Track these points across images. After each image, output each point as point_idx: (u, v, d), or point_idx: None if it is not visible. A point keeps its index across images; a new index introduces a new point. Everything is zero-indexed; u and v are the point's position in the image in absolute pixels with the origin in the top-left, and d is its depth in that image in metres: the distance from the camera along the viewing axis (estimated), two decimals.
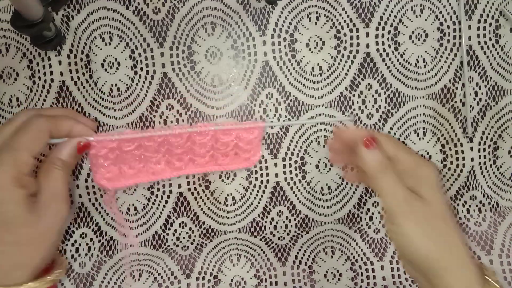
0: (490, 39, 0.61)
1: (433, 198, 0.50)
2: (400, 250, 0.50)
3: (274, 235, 0.63)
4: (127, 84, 0.60)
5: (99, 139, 0.55)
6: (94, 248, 0.62)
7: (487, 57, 0.61)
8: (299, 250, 0.63)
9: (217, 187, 0.62)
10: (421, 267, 0.48)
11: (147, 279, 0.62)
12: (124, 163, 0.58)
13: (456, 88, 0.62)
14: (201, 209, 0.62)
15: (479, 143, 0.62)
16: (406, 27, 0.61)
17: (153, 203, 0.61)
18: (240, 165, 0.61)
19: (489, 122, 0.62)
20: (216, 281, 0.62)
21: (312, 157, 0.62)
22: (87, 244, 0.61)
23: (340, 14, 0.60)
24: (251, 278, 0.63)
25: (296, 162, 0.62)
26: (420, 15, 0.61)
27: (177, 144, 0.57)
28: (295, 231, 0.63)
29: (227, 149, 0.59)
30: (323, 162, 0.62)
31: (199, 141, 0.58)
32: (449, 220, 0.50)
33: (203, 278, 0.62)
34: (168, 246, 0.62)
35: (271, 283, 0.62)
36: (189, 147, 0.58)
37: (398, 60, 0.61)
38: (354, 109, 0.61)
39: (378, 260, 0.63)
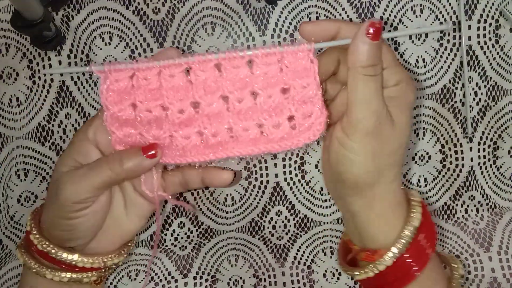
0: (490, 39, 0.61)
1: (403, 124, 0.44)
2: (338, 166, 0.44)
3: (273, 235, 0.63)
4: None
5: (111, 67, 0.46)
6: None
7: (487, 57, 0.61)
8: (298, 250, 0.63)
9: None
10: (350, 185, 0.44)
11: (143, 278, 0.62)
12: (146, 129, 0.47)
13: (456, 88, 0.62)
14: (200, 209, 0.62)
15: (479, 143, 0.62)
16: (406, 27, 0.61)
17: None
18: (300, 140, 0.46)
19: (489, 122, 0.62)
20: (213, 281, 0.62)
21: (311, 157, 0.62)
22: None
23: (340, 14, 0.60)
24: (249, 277, 0.63)
25: (295, 162, 0.62)
26: (420, 15, 0.61)
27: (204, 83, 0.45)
28: (294, 231, 0.63)
29: (274, 107, 0.46)
30: None
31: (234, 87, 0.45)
32: (404, 147, 0.45)
33: (201, 277, 0.62)
34: (166, 246, 0.62)
35: (270, 283, 0.62)
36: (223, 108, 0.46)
37: (398, 60, 0.61)
38: None
39: None
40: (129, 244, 0.53)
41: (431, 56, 0.61)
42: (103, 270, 0.50)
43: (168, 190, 0.50)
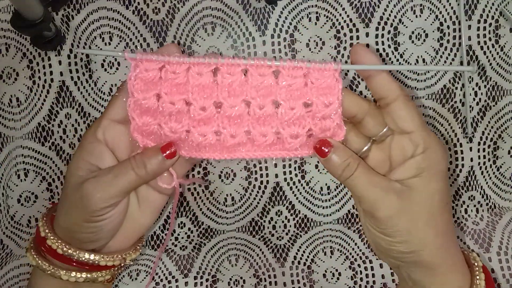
0: (490, 39, 0.61)
1: (432, 192, 0.44)
2: (387, 251, 0.46)
3: (273, 235, 0.63)
4: None
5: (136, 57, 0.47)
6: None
7: (487, 57, 0.61)
8: (298, 250, 0.63)
9: (216, 187, 0.62)
10: (405, 263, 0.46)
11: (144, 278, 0.62)
12: (165, 121, 0.48)
13: (456, 88, 0.62)
14: (201, 209, 0.62)
15: (479, 143, 0.62)
16: (406, 27, 0.61)
17: None
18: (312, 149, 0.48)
19: (489, 122, 0.62)
20: (214, 280, 0.63)
21: (311, 157, 0.62)
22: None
23: (340, 14, 0.60)
24: (250, 277, 0.63)
25: (295, 162, 0.62)
26: (420, 15, 0.61)
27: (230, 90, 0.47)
28: (294, 231, 0.63)
29: (295, 121, 0.47)
30: None
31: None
32: (440, 214, 0.45)
33: (201, 277, 0.62)
34: (167, 246, 0.62)
35: (270, 283, 0.62)
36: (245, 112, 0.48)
37: (398, 60, 0.61)
38: None
39: (377, 259, 0.63)
40: (142, 238, 0.55)
41: (431, 56, 0.61)
42: (116, 268, 0.52)
43: (179, 172, 0.51)
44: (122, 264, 0.52)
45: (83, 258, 0.48)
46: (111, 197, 0.47)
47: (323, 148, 0.46)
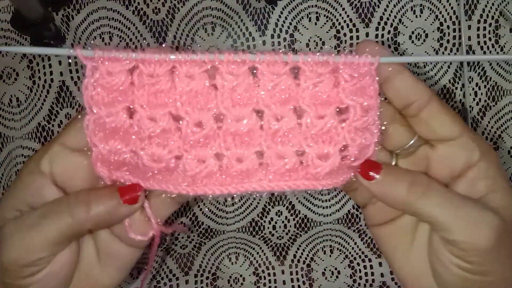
0: (490, 39, 0.61)
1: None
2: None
3: (273, 235, 0.63)
4: None
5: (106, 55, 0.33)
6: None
7: None
8: (298, 248, 0.63)
9: None
10: None
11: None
12: (143, 146, 0.35)
13: (456, 88, 0.62)
14: (201, 209, 0.62)
15: None
16: (406, 27, 0.61)
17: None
18: (348, 177, 0.37)
19: (489, 122, 0.62)
20: (214, 278, 0.63)
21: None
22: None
23: (340, 14, 0.60)
24: (249, 275, 0.63)
25: None
26: (420, 15, 0.61)
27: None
28: (294, 231, 0.63)
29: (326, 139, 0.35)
30: None
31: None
32: None
33: (202, 275, 0.63)
34: (167, 245, 0.63)
35: (269, 281, 0.63)
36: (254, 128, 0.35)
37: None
38: None
39: (376, 257, 0.63)
40: None
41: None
42: None
43: (161, 214, 0.39)
44: None
45: None
46: (33, 249, 0.33)
47: (370, 173, 0.35)
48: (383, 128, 0.36)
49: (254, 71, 0.34)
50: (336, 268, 0.63)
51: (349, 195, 0.42)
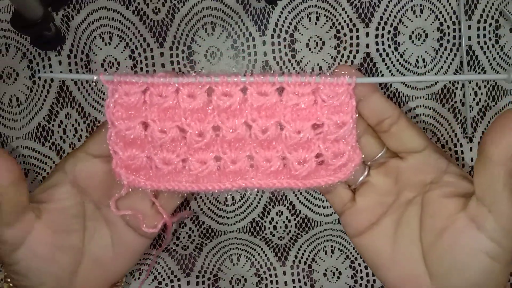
0: (490, 39, 0.61)
1: None
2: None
3: (273, 235, 0.63)
4: None
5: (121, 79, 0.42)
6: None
7: (487, 57, 0.61)
8: (299, 249, 0.63)
9: None
10: None
11: (147, 278, 0.62)
12: (156, 152, 0.43)
13: (456, 88, 0.62)
14: (201, 209, 0.62)
15: (479, 143, 0.62)
16: (406, 27, 0.61)
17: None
18: (326, 180, 0.43)
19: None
20: (216, 279, 0.63)
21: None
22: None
23: (340, 14, 0.60)
24: (251, 276, 0.63)
25: None
26: (420, 15, 0.61)
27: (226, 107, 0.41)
28: (295, 231, 0.63)
29: (303, 142, 0.42)
30: None
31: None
32: None
33: (203, 276, 0.63)
34: (168, 245, 0.62)
35: (271, 282, 0.63)
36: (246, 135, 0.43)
37: (398, 60, 0.61)
38: None
39: None
40: (118, 284, 0.49)
41: (431, 56, 0.61)
42: None
43: (167, 208, 0.47)
44: None
45: None
46: None
47: None
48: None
49: (246, 91, 0.42)
50: (337, 269, 0.63)
51: (327, 198, 0.47)
